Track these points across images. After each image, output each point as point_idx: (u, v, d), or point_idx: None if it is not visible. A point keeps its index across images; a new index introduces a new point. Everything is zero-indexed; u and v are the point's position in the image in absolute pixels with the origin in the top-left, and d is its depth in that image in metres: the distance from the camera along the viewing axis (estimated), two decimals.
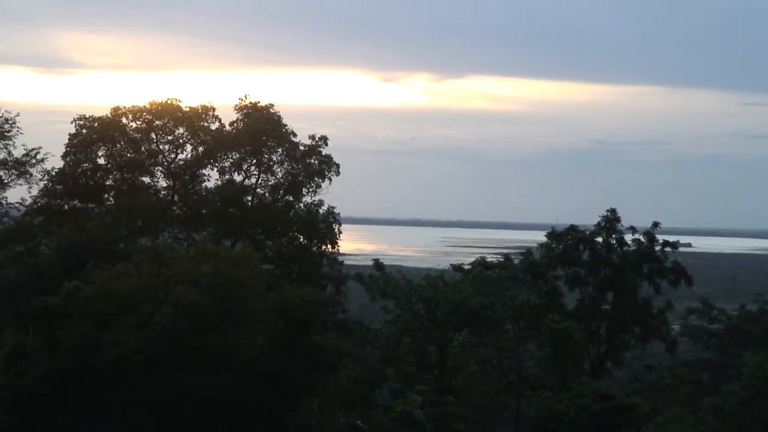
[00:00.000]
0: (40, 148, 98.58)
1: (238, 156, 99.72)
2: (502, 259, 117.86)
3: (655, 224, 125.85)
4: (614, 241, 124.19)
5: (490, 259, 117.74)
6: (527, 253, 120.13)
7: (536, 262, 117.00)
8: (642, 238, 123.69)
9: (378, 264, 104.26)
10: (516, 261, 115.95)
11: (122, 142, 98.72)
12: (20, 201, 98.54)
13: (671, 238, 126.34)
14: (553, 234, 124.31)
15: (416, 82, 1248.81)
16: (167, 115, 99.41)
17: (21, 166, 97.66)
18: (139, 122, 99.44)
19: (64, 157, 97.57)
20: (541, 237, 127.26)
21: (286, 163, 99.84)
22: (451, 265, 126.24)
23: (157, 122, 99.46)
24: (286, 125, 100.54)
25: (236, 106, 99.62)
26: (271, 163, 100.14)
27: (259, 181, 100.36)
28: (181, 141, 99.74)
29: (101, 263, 64.93)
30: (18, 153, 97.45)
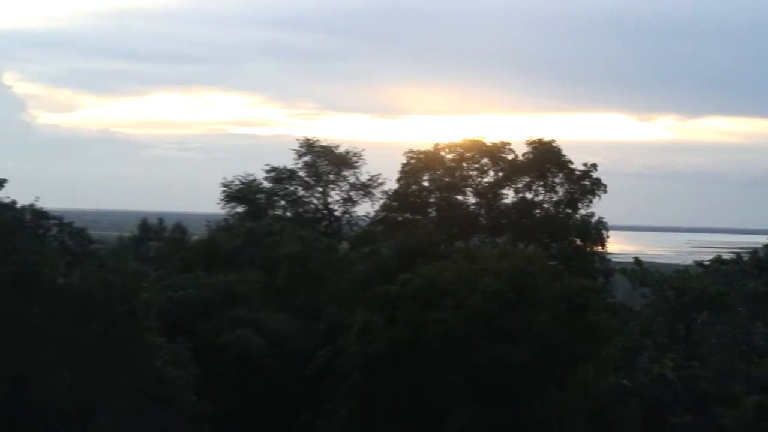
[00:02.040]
0: (380, 174, 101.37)
1: (528, 179, 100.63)
2: (734, 257, 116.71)
3: None
4: None
5: (725, 257, 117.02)
6: (754, 251, 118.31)
7: (762, 259, 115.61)
8: None
9: (637, 261, 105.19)
10: (745, 258, 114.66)
11: (441, 170, 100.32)
12: (366, 214, 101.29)
13: None
14: None
15: (665, 121, 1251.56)
16: (475, 149, 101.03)
17: (366, 188, 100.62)
18: (453, 155, 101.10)
19: (398, 181, 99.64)
20: (765, 239, 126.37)
21: (565, 184, 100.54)
22: (694, 261, 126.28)
23: (467, 154, 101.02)
24: (564, 156, 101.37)
25: (527, 141, 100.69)
26: (554, 184, 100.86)
27: (545, 198, 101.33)
28: (485, 168, 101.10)
29: (427, 260, 66.05)
30: (364, 178, 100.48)
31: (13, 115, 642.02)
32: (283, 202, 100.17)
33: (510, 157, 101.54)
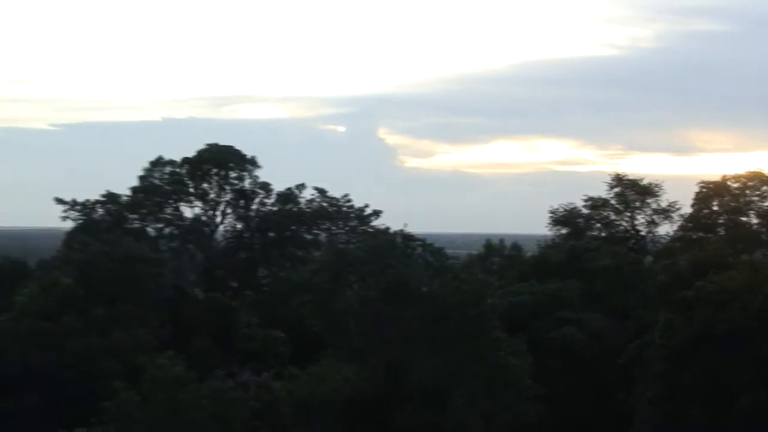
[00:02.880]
0: (677, 201, 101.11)
1: None
2: None
3: None
4: None
5: None
6: None
7: None
8: None
9: None
10: None
11: (728, 197, 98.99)
12: (666, 234, 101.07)
13: None
14: None
15: None
16: (756, 179, 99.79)
17: (666, 213, 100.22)
18: (738, 184, 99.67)
19: (692, 206, 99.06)
20: None
21: None
22: None
23: (749, 183, 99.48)
24: None
25: None
26: None
27: None
28: (765, 195, 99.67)
29: (717, 270, 65.22)
30: (663, 205, 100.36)
31: (386, 160, 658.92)
32: (598, 225, 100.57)
33: None
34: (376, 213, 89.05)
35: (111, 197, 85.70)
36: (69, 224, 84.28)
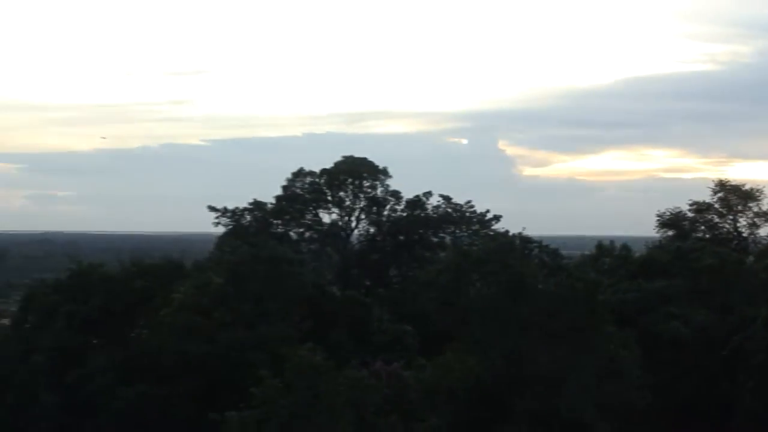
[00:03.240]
0: None
1: None
2: None
3: None
4: None
5: None
6: None
7: None
8: None
9: None
10: None
11: None
12: (766, 236, 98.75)
13: None
14: None
15: None
16: None
17: (766, 216, 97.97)
18: None
19: None
20: None
21: None
22: None
23: None
24: None
25: None
26: None
27: None
28: None
29: None
30: (765, 208, 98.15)
31: (506, 170, 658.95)
32: (702, 227, 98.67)
33: None
34: (496, 218, 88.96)
35: (257, 205, 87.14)
36: (220, 229, 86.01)
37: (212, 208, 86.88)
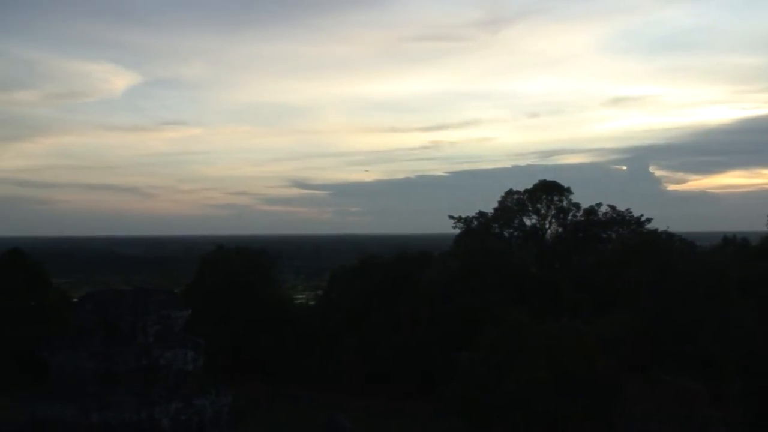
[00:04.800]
0: None
1: None
2: None
3: None
4: None
5: None
6: None
7: None
8: None
9: None
10: None
11: None
12: None
13: None
14: None
15: None
16: None
17: None
18: None
19: None
20: None
21: None
22: None
23: None
24: None
25: None
26: None
27: None
28: None
29: None
30: None
31: (655, 187, 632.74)
32: None
33: None
34: (648, 220, 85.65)
35: (481, 214, 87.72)
36: (456, 231, 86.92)
37: (451, 217, 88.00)
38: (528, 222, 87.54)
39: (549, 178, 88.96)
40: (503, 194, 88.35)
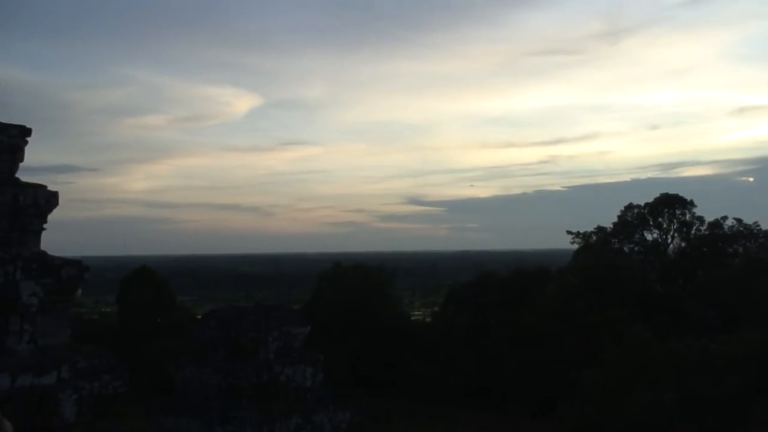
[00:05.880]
0: None
1: None
2: None
3: None
4: None
5: None
6: None
7: None
8: None
9: None
10: None
11: None
12: None
13: None
14: None
15: None
16: None
17: None
18: None
19: None
20: None
21: None
22: None
23: None
24: None
25: None
26: None
27: None
28: None
29: None
30: None
31: None
32: None
33: None
34: None
35: (600, 229, 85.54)
36: (575, 246, 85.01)
37: (569, 232, 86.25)
38: (649, 236, 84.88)
39: (671, 191, 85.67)
40: (623, 208, 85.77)
